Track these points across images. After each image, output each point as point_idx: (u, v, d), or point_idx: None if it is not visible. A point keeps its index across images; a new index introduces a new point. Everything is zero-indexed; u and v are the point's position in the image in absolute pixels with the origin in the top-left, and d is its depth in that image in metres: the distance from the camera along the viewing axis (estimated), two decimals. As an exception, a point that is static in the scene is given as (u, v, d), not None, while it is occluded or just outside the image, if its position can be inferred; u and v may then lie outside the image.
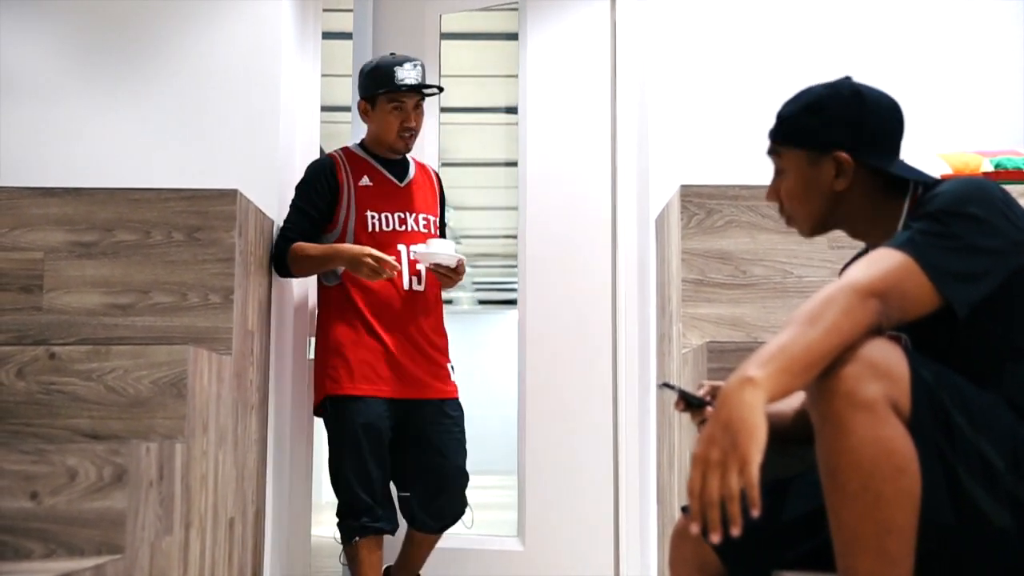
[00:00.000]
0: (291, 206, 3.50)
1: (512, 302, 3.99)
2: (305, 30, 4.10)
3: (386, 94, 3.45)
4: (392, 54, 3.54)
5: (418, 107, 3.50)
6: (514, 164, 4.48)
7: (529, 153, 4.32)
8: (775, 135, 1.92)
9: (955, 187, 1.71)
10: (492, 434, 10.23)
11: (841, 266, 3.14)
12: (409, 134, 3.50)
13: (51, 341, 2.96)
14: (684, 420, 3.01)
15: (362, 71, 3.53)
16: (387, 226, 3.46)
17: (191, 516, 2.61)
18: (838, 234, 3.20)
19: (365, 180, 3.49)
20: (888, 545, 1.52)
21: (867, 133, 1.83)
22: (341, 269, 3.43)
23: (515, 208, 4.44)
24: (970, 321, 1.65)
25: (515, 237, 4.45)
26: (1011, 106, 3.74)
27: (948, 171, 3.15)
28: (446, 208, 3.76)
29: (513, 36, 4.55)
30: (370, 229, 3.44)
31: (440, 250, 3.35)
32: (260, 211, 3.38)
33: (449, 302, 14.25)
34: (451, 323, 3.80)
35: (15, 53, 3.74)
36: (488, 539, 4.27)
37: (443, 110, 4.62)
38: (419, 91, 3.48)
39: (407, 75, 3.43)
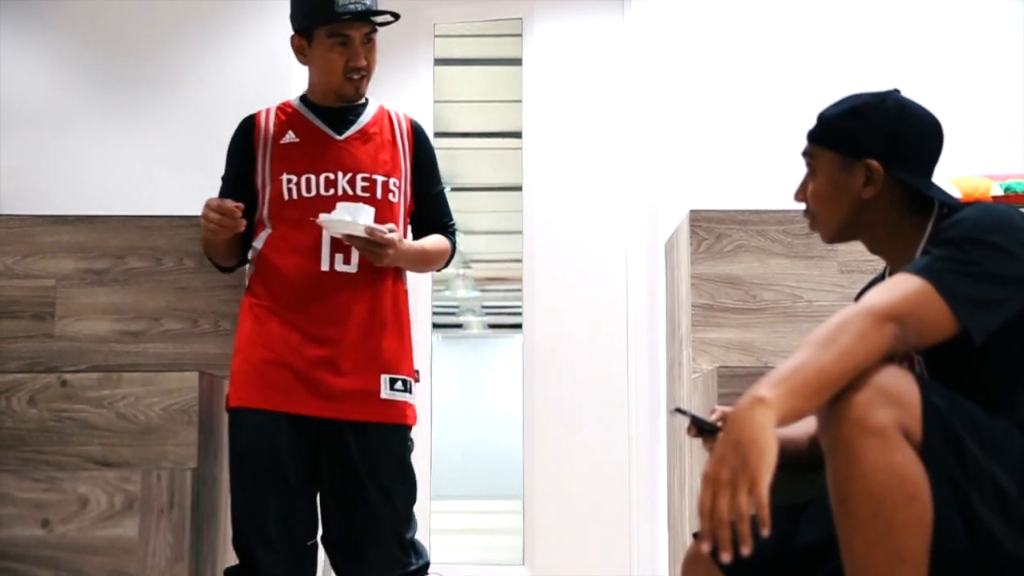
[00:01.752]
0: None
1: (519, 326, 4.01)
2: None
3: (325, 26, 2.62)
4: None
5: (369, 41, 2.67)
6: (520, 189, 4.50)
7: (533, 178, 4.34)
8: (812, 134, 1.92)
9: (976, 214, 1.71)
10: (499, 458, 10.22)
11: (855, 291, 3.16)
12: (359, 75, 2.67)
13: (63, 368, 2.97)
14: (695, 445, 3.01)
15: None
16: (308, 191, 2.63)
17: (202, 544, 2.61)
18: (848, 258, 3.23)
19: (289, 136, 2.70)
20: (900, 572, 1.51)
21: (902, 146, 1.83)
22: (260, 242, 2.69)
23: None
24: (985, 347, 1.64)
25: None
26: (1019, 129, 3.75)
27: (958, 195, 3.16)
28: (435, 173, 2.84)
29: (517, 62, 4.57)
30: (286, 196, 2.63)
31: (343, 215, 2.48)
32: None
33: (459, 326, 14.31)
34: (459, 347, 3.74)
35: (25, 81, 3.77)
36: (493, 567, 4.25)
37: (449, 135, 4.64)
38: (367, 19, 2.64)
39: (351, 1, 2.61)
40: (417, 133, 2.79)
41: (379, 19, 2.66)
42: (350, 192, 2.62)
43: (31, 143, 3.71)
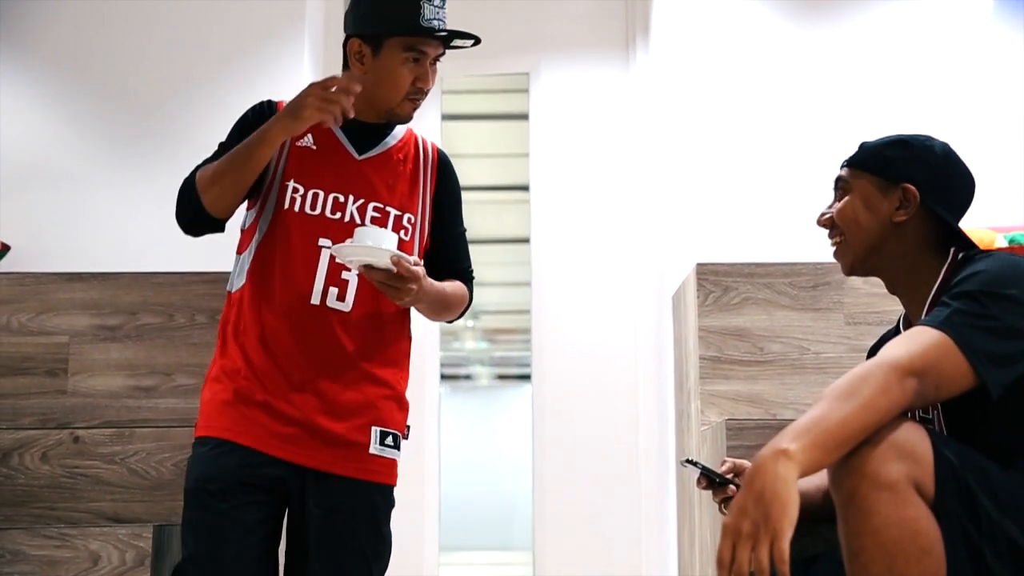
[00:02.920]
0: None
1: (528, 377, 4.02)
2: (324, 114, 4.17)
3: (404, 38, 2.30)
4: None
5: (435, 62, 2.38)
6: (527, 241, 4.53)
7: (541, 230, 4.38)
8: (851, 160, 1.95)
9: (994, 266, 1.72)
10: (508, 509, 10.17)
11: (861, 342, 3.17)
12: (422, 97, 2.38)
13: (75, 424, 2.99)
14: (705, 498, 3.01)
15: None
16: (312, 208, 2.29)
17: (212, 599, 2.60)
18: (854, 310, 3.24)
19: (307, 139, 2.37)
20: (913, 627, 1.51)
21: (940, 181, 1.87)
22: (247, 264, 2.32)
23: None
24: (1001, 401, 1.65)
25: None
26: (1022, 181, 3.78)
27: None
28: (459, 212, 2.53)
29: (524, 116, 4.63)
30: (287, 205, 2.28)
31: (366, 241, 2.11)
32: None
33: (468, 377, 14.29)
34: (468, 398, 3.69)
35: (37, 137, 3.81)
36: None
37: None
38: (449, 41, 2.36)
39: (435, 15, 2.31)
40: (443, 165, 2.47)
41: (462, 43, 2.35)
42: (358, 221, 2.29)
43: (44, 199, 3.75)
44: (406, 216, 2.34)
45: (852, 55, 3.84)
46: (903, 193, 1.86)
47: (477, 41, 2.36)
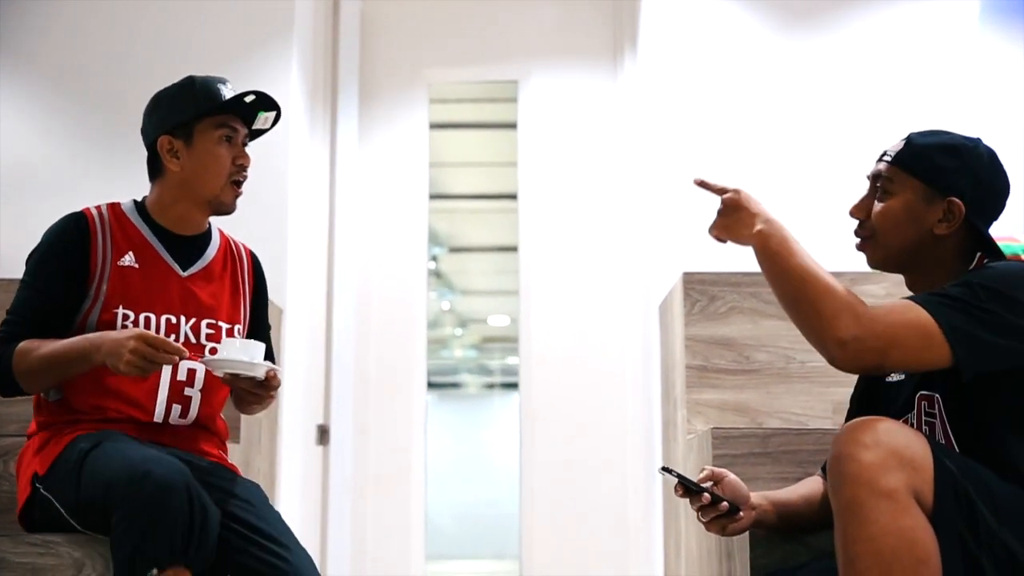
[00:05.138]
0: (19, 289, 2.30)
1: (516, 385, 4.03)
2: (314, 123, 4.18)
3: (213, 117, 2.31)
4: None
5: (246, 143, 2.38)
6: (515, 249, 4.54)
7: (529, 239, 4.39)
8: (900, 158, 1.89)
9: (1001, 267, 1.73)
10: (495, 518, 10.16)
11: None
12: (243, 178, 2.35)
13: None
14: (689, 506, 3.00)
15: (161, 96, 2.39)
16: None
17: (197, 607, 2.59)
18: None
19: (129, 259, 2.28)
20: (908, 636, 1.50)
21: (986, 194, 1.85)
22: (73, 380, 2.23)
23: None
24: (993, 395, 1.66)
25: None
26: (1015, 191, 3.79)
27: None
28: (266, 311, 2.52)
29: (512, 125, 4.64)
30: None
31: (238, 355, 2.12)
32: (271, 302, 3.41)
33: (456, 385, 14.30)
34: (456, 406, 3.70)
35: (24, 144, 3.80)
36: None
37: (445, 197, 4.69)
38: (252, 120, 2.38)
39: (232, 93, 2.34)
40: (256, 269, 2.50)
41: (261, 124, 2.39)
42: (193, 340, 2.28)
43: (30, 207, 3.73)
44: (236, 328, 2.36)
45: (839, 64, 3.85)
46: (948, 206, 1.82)
47: (277, 118, 2.39)
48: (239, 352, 2.12)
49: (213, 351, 2.25)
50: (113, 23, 3.84)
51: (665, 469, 1.98)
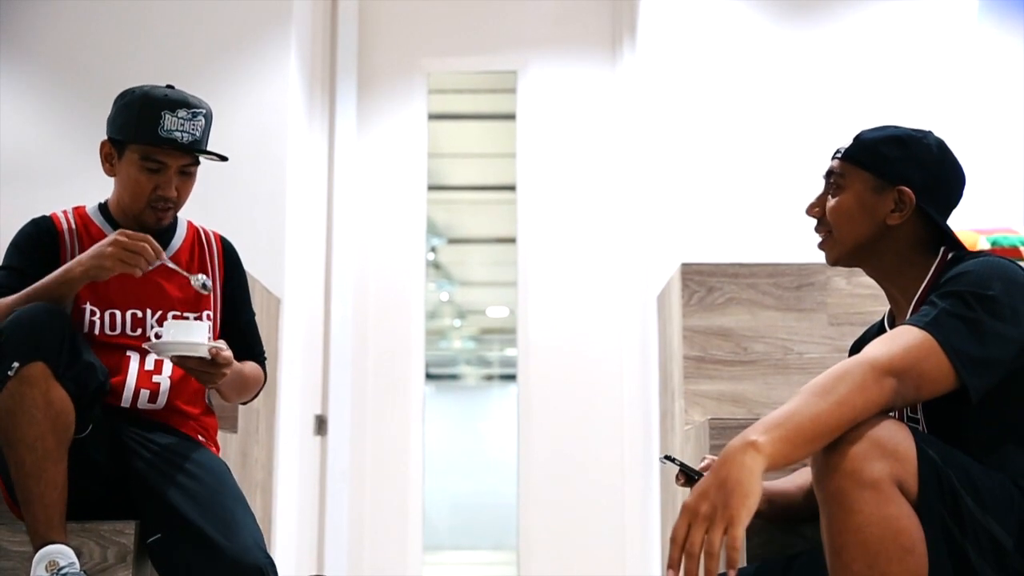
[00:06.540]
0: None
1: (514, 376, 4.03)
2: (313, 113, 4.18)
3: (140, 146, 2.30)
4: (170, 87, 2.37)
5: (186, 173, 2.35)
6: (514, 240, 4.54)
7: (527, 230, 4.39)
8: (848, 153, 1.91)
9: (982, 268, 1.72)
10: (493, 509, 10.18)
11: (845, 342, 3.18)
12: (165, 206, 2.33)
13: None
14: (687, 495, 3.01)
15: (119, 98, 2.37)
16: (112, 328, 2.30)
17: (195, 596, 2.59)
18: (838, 310, 3.25)
19: None
20: (894, 625, 1.51)
21: (936, 183, 1.85)
22: None
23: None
24: (981, 402, 1.66)
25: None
26: (1009, 184, 3.79)
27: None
28: (247, 298, 2.53)
29: (511, 116, 4.63)
30: (86, 330, 2.27)
31: (180, 336, 2.16)
32: (266, 289, 3.41)
33: (455, 377, 14.32)
34: (454, 397, 3.72)
35: (20, 133, 3.80)
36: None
37: (444, 188, 4.69)
38: (190, 153, 2.33)
39: (178, 127, 2.30)
40: (228, 254, 2.49)
41: (203, 156, 2.35)
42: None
43: (26, 195, 3.73)
44: (204, 314, 2.38)
45: (838, 55, 3.85)
46: (898, 195, 1.84)
47: (223, 159, 2.36)
48: (180, 334, 2.15)
49: (159, 336, 2.24)
50: (112, 14, 3.84)
51: (667, 458, 1.98)
